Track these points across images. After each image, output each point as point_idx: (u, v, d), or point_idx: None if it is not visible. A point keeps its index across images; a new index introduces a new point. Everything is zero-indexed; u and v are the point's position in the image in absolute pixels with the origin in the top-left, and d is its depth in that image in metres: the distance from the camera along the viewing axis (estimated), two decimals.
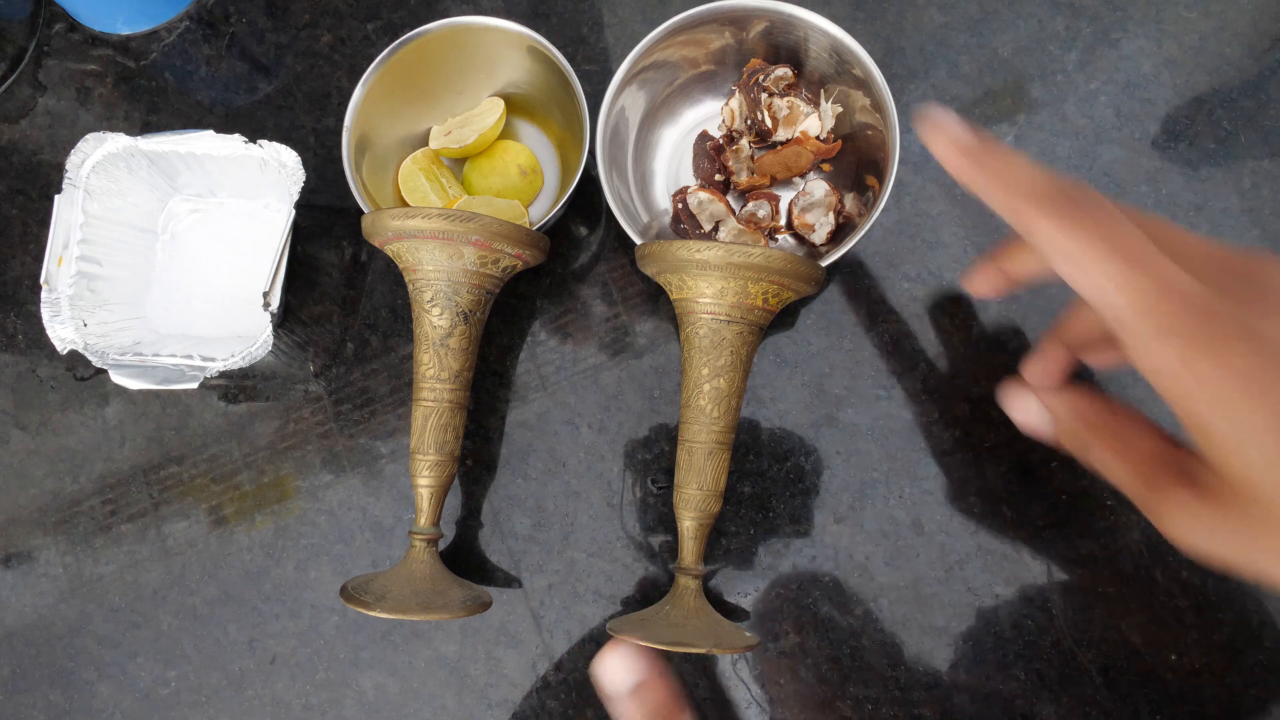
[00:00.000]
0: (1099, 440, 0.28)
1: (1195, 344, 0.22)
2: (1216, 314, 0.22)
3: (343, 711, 0.42)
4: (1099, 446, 0.28)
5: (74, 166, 0.44)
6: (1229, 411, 0.22)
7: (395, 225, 0.36)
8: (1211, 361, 0.22)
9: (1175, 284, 0.23)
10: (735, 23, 0.42)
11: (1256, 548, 0.23)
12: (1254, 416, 0.21)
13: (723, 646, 0.34)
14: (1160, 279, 0.23)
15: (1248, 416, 0.22)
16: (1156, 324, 0.23)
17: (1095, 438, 0.28)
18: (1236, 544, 0.24)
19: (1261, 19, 0.45)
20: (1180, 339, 0.22)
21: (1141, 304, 0.23)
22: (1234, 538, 0.24)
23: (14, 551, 0.45)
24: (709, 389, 0.36)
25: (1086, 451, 0.29)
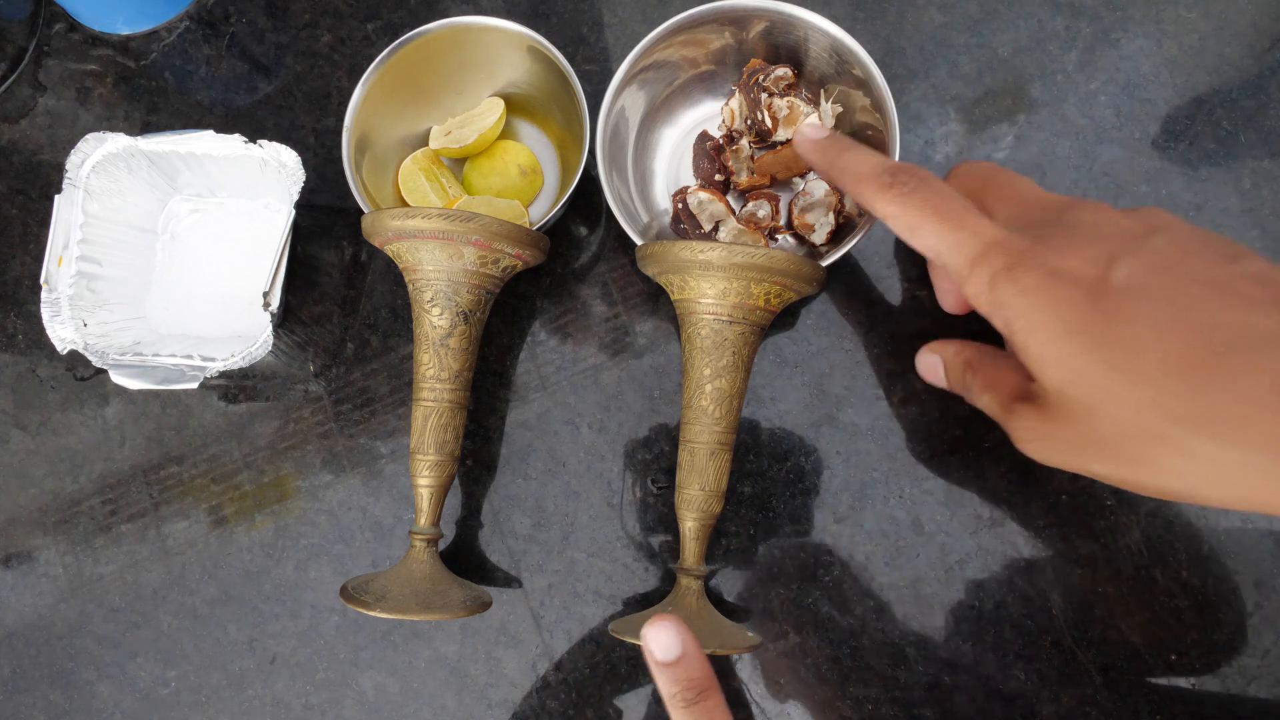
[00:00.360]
0: (975, 377, 0.33)
1: (1000, 276, 0.27)
2: (1017, 250, 0.27)
3: (343, 711, 0.42)
4: (975, 383, 0.33)
5: (74, 166, 0.44)
6: (1028, 324, 0.27)
7: (395, 225, 0.36)
8: (1012, 287, 0.27)
9: (984, 234, 0.28)
10: (735, 23, 0.42)
11: (1072, 444, 0.27)
12: (1046, 325, 0.26)
13: (727, 647, 0.34)
14: (974, 232, 0.28)
15: (1041, 326, 0.26)
16: (973, 267, 0.28)
17: (972, 376, 0.33)
18: (1059, 445, 0.28)
19: (1261, 19, 0.45)
20: (990, 273, 0.28)
21: (961, 255, 0.28)
22: (1056, 440, 0.28)
23: (14, 551, 0.45)
24: (711, 389, 0.36)
25: (968, 391, 0.34)
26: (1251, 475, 0.24)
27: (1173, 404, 0.24)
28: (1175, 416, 0.24)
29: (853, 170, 0.33)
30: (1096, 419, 0.26)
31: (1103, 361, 0.25)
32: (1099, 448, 0.27)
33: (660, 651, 0.33)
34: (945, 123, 0.45)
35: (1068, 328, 0.26)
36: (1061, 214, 0.29)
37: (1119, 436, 0.26)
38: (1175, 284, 0.25)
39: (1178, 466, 0.25)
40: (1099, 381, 0.25)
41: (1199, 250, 0.27)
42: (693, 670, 0.32)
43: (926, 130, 0.45)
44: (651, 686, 0.41)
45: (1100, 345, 0.25)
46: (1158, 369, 0.24)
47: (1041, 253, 0.27)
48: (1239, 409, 0.23)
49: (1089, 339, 0.26)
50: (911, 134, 0.45)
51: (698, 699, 0.32)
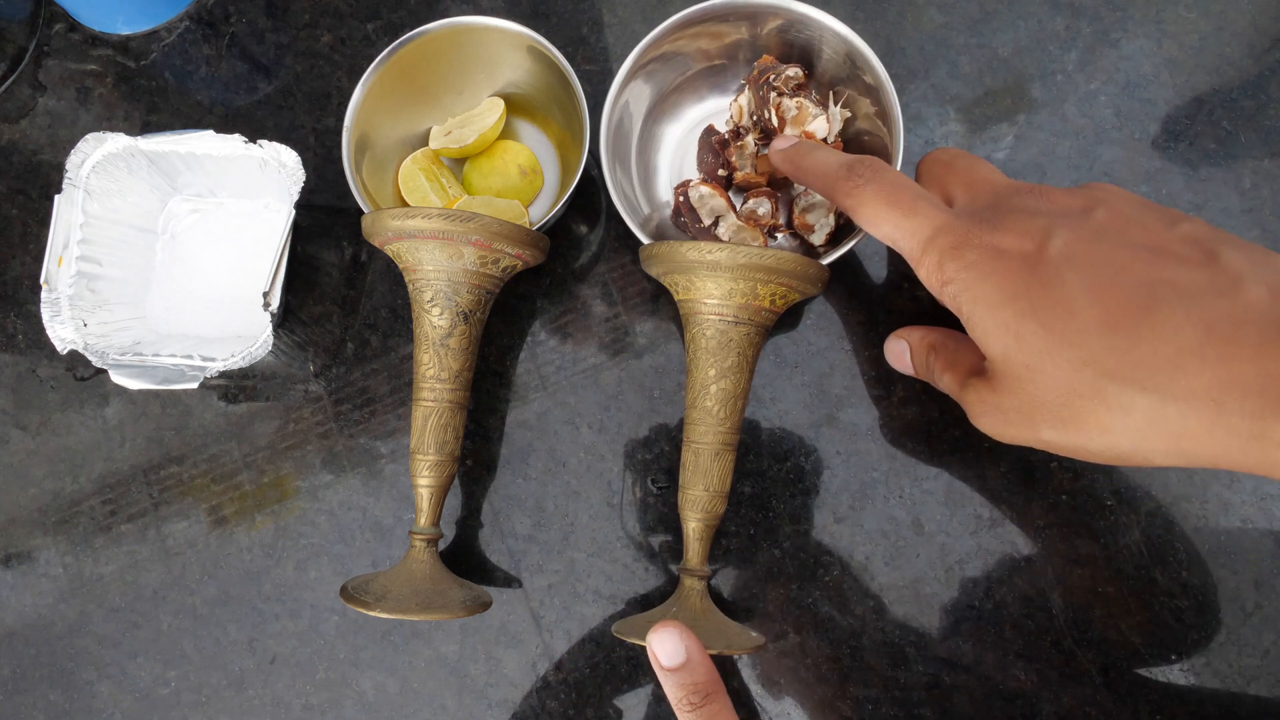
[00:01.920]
0: (937, 359, 0.34)
1: (946, 255, 0.29)
2: (962, 231, 0.29)
3: (343, 711, 0.42)
4: (937, 364, 0.34)
5: (74, 166, 0.44)
6: (971, 297, 0.28)
7: (395, 225, 0.36)
8: (956, 264, 0.29)
9: (934, 218, 0.30)
10: (749, 19, 0.42)
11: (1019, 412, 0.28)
12: (987, 296, 0.28)
13: (733, 648, 0.35)
14: (925, 217, 0.30)
15: (983, 298, 0.28)
16: (924, 250, 0.30)
17: (934, 358, 0.34)
18: (1008, 415, 0.29)
19: (1261, 19, 0.45)
20: (938, 254, 0.29)
21: (914, 239, 0.30)
22: (1005, 410, 0.29)
23: (14, 551, 0.45)
24: (716, 390, 0.36)
25: (930, 372, 0.35)
26: (1191, 426, 0.24)
27: (1107, 360, 0.25)
28: (1110, 372, 0.25)
29: (817, 170, 0.35)
30: (1038, 382, 0.27)
31: (1039, 325, 0.26)
32: (1044, 413, 0.27)
33: (665, 657, 0.33)
34: (945, 123, 0.45)
35: (1006, 296, 0.27)
36: (1009, 198, 0.31)
37: (1061, 398, 0.26)
38: (1109, 250, 0.27)
39: (1119, 424, 0.25)
40: (1037, 344, 0.26)
41: (1138, 218, 0.28)
42: (697, 675, 0.33)
43: (926, 130, 0.45)
44: (651, 686, 0.41)
45: (1036, 310, 0.26)
46: (1092, 327, 0.25)
47: (985, 232, 0.29)
48: (1170, 360, 0.24)
49: (1026, 305, 0.27)
50: (912, 134, 0.45)
51: (703, 703, 0.33)
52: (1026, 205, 0.30)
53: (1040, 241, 0.27)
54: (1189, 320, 0.24)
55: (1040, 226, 0.28)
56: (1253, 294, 0.24)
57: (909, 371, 0.38)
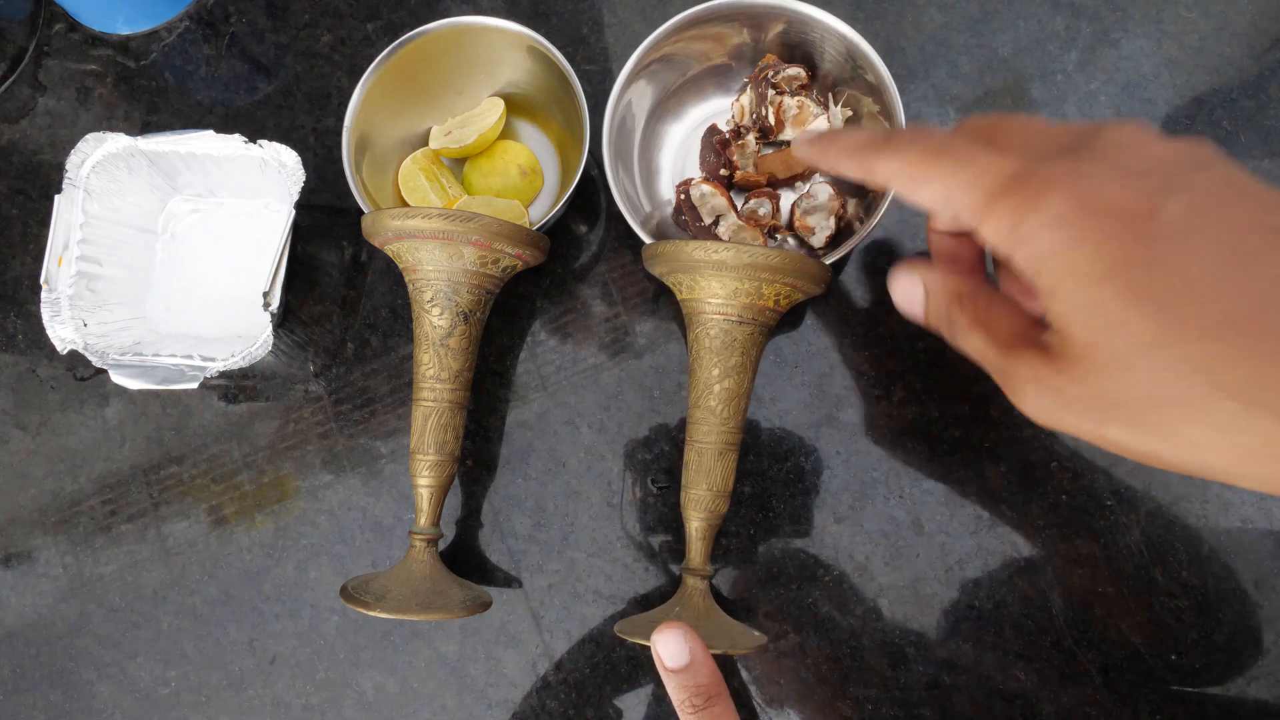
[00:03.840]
0: (963, 312, 0.29)
1: (1024, 206, 0.23)
2: (1044, 177, 0.23)
3: (343, 711, 0.42)
4: (963, 318, 0.28)
5: (74, 166, 0.44)
6: (1060, 263, 0.23)
7: (395, 225, 0.36)
8: (1039, 218, 0.23)
9: (1002, 165, 0.24)
10: (751, 20, 0.42)
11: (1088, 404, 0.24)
12: (1083, 263, 0.22)
13: (736, 647, 0.35)
14: (987, 164, 0.25)
15: (1078, 264, 0.22)
16: (991, 202, 0.24)
17: (960, 310, 0.28)
18: (1071, 404, 0.24)
19: (1261, 19, 0.45)
20: (1014, 206, 0.24)
21: (976, 190, 0.25)
22: (1069, 397, 0.24)
23: (14, 551, 0.45)
24: (719, 390, 0.36)
25: (952, 329, 0.29)
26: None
27: (1225, 369, 0.21)
28: (1226, 385, 0.21)
29: (848, 145, 0.30)
30: (1128, 378, 0.22)
31: (1146, 312, 0.22)
32: (1121, 411, 0.23)
33: (669, 658, 0.33)
34: (945, 123, 0.45)
35: (1107, 268, 0.22)
36: (1092, 139, 0.25)
37: (1150, 399, 0.22)
38: (1232, 228, 0.22)
39: (1220, 442, 0.22)
40: (1139, 335, 0.22)
41: (1251, 192, 0.23)
42: (700, 676, 0.33)
43: None
44: (651, 686, 0.41)
45: (1147, 293, 0.22)
46: (1212, 325, 0.21)
47: (1075, 178, 0.23)
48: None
49: (1134, 284, 0.22)
50: None
51: (706, 704, 0.33)
52: (1121, 147, 0.24)
53: (1151, 200, 0.22)
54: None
55: (1149, 181, 0.23)
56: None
57: (918, 318, 0.32)
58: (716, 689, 0.33)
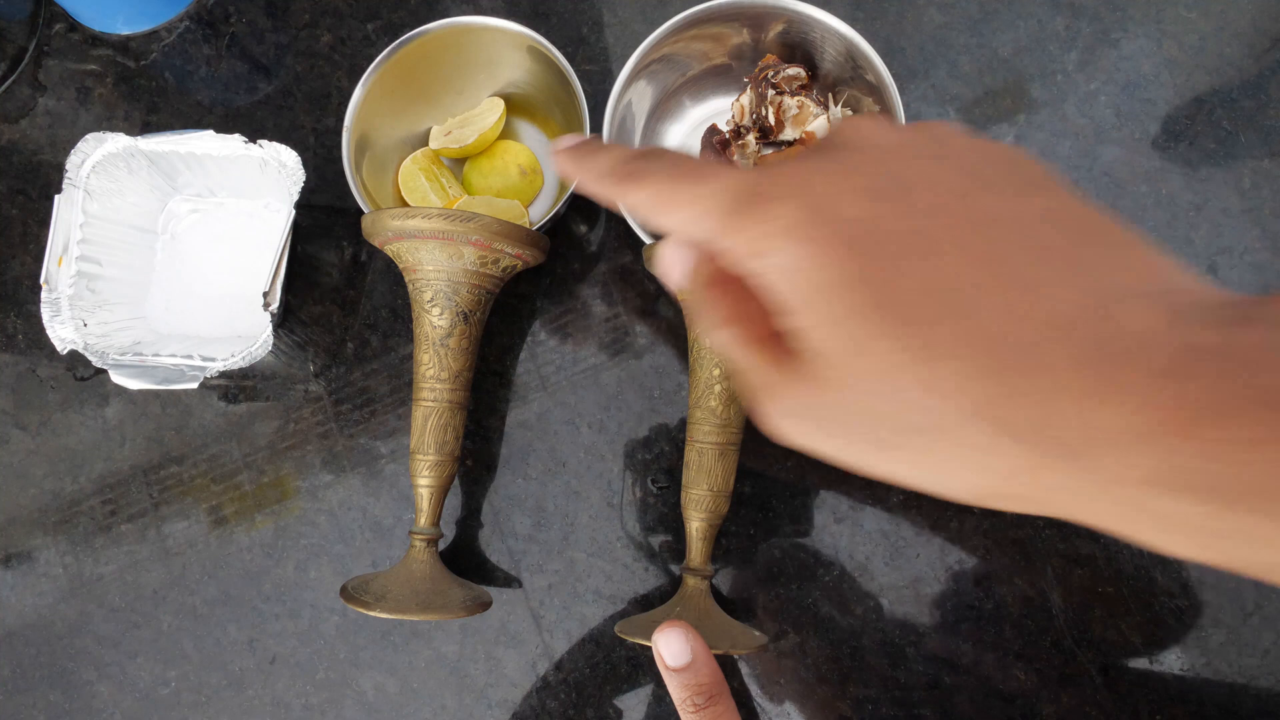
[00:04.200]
0: (718, 302, 0.26)
1: (752, 218, 0.21)
2: (766, 187, 0.22)
3: (343, 711, 0.42)
4: (717, 310, 0.26)
5: (74, 166, 0.44)
6: (791, 273, 0.21)
7: (395, 225, 0.36)
8: (766, 227, 0.21)
9: (730, 183, 0.22)
10: (751, 20, 0.42)
11: (839, 426, 0.22)
12: (816, 274, 0.20)
13: (738, 647, 0.35)
14: (723, 180, 0.23)
15: (809, 275, 0.21)
16: (725, 220, 0.22)
17: (715, 298, 0.26)
18: (822, 425, 0.22)
19: (1261, 19, 0.45)
20: (741, 222, 0.22)
21: (711, 213, 0.22)
22: (816, 420, 0.22)
23: (14, 551, 0.45)
24: (720, 390, 0.36)
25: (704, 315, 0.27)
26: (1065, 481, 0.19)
27: (972, 392, 0.19)
28: (978, 411, 0.19)
29: (596, 170, 0.27)
30: (875, 401, 0.21)
31: (886, 330, 0.20)
32: (873, 434, 0.21)
33: (671, 658, 0.33)
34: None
35: (841, 280, 0.20)
36: (831, 138, 0.24)
37: (901, 423, 0.21)
38: (967, 230, 0.20)
39: (978, 466, 0.20)
40: (881, 355, 0.20)
41: (989, 176, 0.22)
42: (702, 675, 0.33)
43: None
44: (651, 686, 0.41)
45: (883, 306, 0.20)
46: (952, 344, 0.20)
47: (805, 187, 0.21)
48: (1042, 402, 0.19)
49: (871, 299, 0.20)
50: None
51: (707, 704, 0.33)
52: (853, 142, 0.23)
53: (886, 209, 0.21)
54: (1064, 350, 0.19)
55: (886, 186, 0.21)
56: (1129, 318, 0.19)
57: (673, 287, 0.29)
58: (718, 688, 0.33)
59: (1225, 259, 0.42)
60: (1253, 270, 0.42)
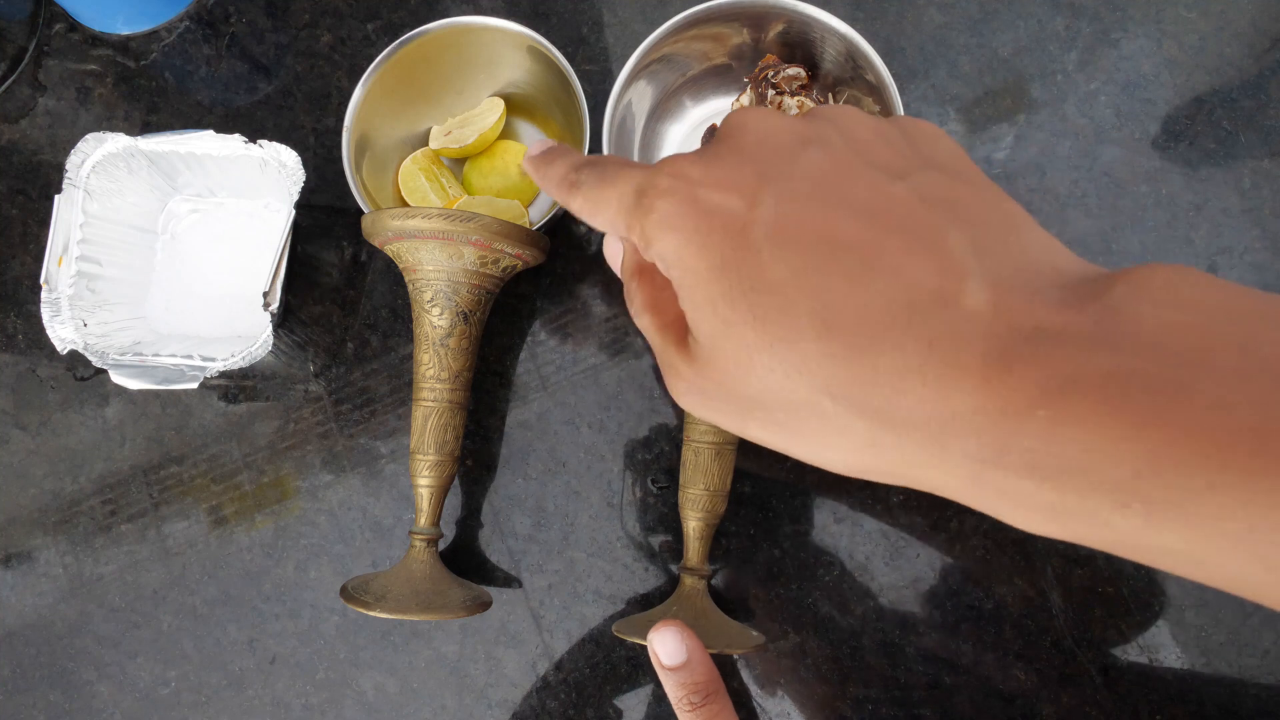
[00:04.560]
0: (641, 290, 0.28)
1: (642, 214, 0.24)
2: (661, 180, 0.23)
3: (343, 711, 0.42)
4: (639, 296, 0.28)
5: (74, 166, 0.44)
6: (675, 260, 0.23)
7: (395, 225, 0.36)
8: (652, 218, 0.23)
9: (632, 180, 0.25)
10: (751, 20, 0.42)
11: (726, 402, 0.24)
12: (693, 263, 0.22)
13: (733, 647, 0.35)
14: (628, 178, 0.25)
15: (687, 263, 0.22)
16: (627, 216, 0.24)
17: (639, 286, 0.28)
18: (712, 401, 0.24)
19: (1261, 19, 0.45)
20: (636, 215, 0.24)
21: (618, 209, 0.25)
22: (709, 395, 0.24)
23: (14, 551, 0.45)
24: None
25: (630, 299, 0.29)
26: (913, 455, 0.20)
27: (823, 370, 0.21)
28: (827, 387, 0.21)
29: (552, 178, 0.29)
30: (749, 379, 0.22)
31: (749, 313, 0.22)
32: (754, 411, 0.23)
33: (666, 656, 0.33)
34: (945, 123, 0.45)
35: (712, 267, 0.22)
36: (720, 129, 0.25)
37: (773, 400, 0.22)
38: (823, 218, 0.21)
39: (839, 442, 0.22)
40: (746, 337, 0.22)
41: (857, 166, 0.23)
42: (698, 674, 0.33)
43: None
44: (651, 686, 0.41)
45: (746, 292, 0.22)
46: (806, 327, 0.21)
47: (683, 178, 0.23)
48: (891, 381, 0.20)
49: (735, 282, 0.22)
50: None
51: (703, 703, 0.33)
52: (741, 135, 0.24)
53: (749, 198, 0.22)
54: (911, 331, 0.20)
55: (752, 174, 0.22)
56: (973, 299, 0.19)
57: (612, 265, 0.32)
58: (714, 686, 0.33)
59: (1225, 259, 0.42)
60: (1253, 270, 0.42)
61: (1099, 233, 0.43)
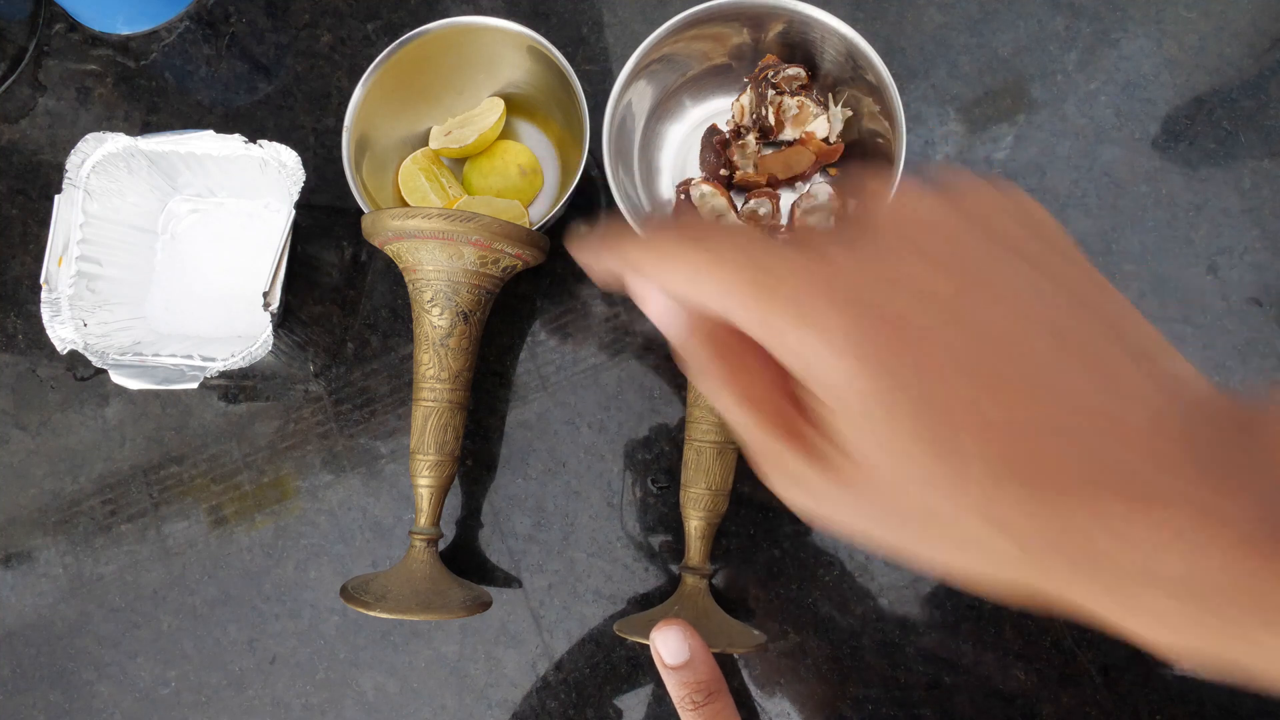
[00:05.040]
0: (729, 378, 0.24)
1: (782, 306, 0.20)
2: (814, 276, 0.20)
3: (343, 711, 0.42)
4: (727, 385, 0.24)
5: (74, 166, 0.43)
6: (833, 373, 0.20)
7: (395, 225, 0.36)
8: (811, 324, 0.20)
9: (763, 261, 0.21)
10: (751, 20, 0.42)
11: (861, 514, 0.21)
12: (850, 375, 0.19)
13: (735, 646, 0.35)
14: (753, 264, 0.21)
15: (846, 375, 0.19)
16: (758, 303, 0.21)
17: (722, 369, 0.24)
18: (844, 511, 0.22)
19: (1261, 19, 0.45)
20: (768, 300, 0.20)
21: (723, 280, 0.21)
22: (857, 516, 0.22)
23: (14, 551, 0.45)
24: None
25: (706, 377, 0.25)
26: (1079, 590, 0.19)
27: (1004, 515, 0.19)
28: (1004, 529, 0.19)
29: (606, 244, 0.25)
30: (911, 503, 0.20)
31: (934, 448, 0.19)
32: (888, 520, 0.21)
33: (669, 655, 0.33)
34: (945, 123, 0.45)
35: (891, 388, 0.20)
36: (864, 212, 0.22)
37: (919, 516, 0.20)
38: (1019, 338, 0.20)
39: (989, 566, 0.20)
40: (926, 471, 0.20)
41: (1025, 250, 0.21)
42: (700, 673, 0.33)
43: (926, 130, 0.45)
44: (651, 686, 0.41)
45: (932, 423, 0.19)
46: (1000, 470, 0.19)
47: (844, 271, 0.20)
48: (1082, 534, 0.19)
49: (918, 411, 0.19)
50: (912, 134, 0.45)
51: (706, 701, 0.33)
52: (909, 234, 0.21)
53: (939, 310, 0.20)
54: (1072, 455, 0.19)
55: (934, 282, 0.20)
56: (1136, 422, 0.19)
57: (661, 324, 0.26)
58: (716, 685, 0.33)
59: (1225, 259, 0.42)
60: (1253, 270, 0.42)
61: (1099, 233, 0.43)
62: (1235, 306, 0.42)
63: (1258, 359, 0.41)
